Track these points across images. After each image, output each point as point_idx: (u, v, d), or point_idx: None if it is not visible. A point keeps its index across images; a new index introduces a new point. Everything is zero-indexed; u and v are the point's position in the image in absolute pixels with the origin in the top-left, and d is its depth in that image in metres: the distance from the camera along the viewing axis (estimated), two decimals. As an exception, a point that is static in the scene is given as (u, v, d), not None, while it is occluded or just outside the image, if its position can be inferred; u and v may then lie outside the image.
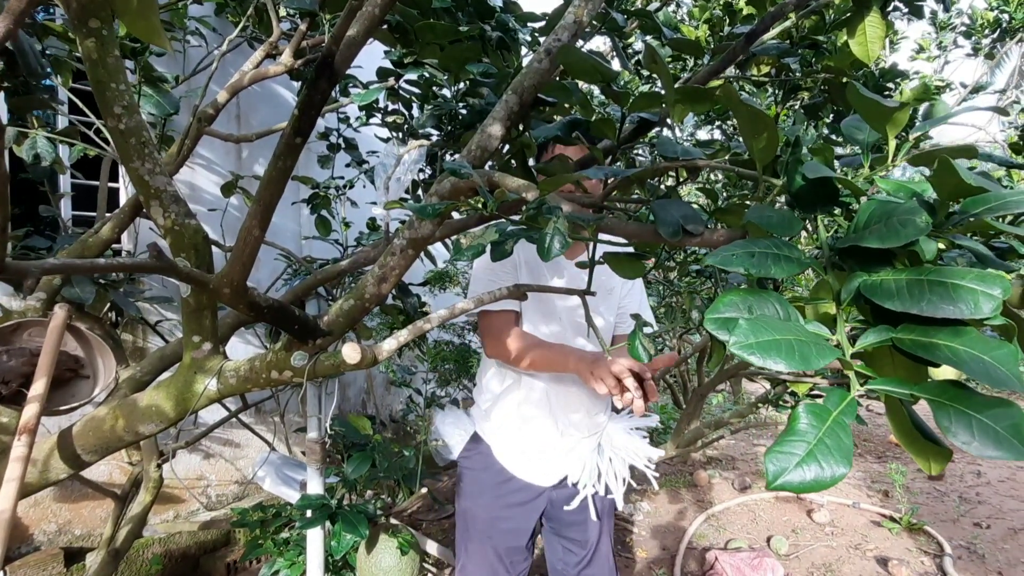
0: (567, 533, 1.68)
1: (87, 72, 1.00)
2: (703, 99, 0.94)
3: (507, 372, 1.62)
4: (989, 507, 3.75)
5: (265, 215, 0.84)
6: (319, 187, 2.53)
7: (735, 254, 0.62)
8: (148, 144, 1.00)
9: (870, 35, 1.44)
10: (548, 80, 1.02)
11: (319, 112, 0.82)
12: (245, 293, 0.89)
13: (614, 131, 0.99)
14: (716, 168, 0.84)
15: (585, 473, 1.62)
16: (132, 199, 1.44)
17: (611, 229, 0.83)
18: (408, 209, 0.77)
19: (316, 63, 0.78)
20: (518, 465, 1.61)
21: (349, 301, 1.02)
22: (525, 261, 1.58)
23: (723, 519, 3.60)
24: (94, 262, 0.66)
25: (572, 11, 0.99)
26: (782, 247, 0.64)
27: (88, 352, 1.24)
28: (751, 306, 0.61)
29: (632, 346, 0.97)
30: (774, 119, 1.95)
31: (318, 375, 1.04)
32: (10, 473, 0.99)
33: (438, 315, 1.04)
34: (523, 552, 1.65)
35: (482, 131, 0.99)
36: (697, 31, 2.35)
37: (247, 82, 1.55)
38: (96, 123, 1.80)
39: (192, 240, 1.03)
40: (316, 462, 1.45)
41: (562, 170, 1.02)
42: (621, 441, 1.67)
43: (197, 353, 1.07)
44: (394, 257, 0.99)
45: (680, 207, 0.79)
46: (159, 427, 1.13)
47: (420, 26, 1.16)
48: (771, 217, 0.67)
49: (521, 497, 1.61)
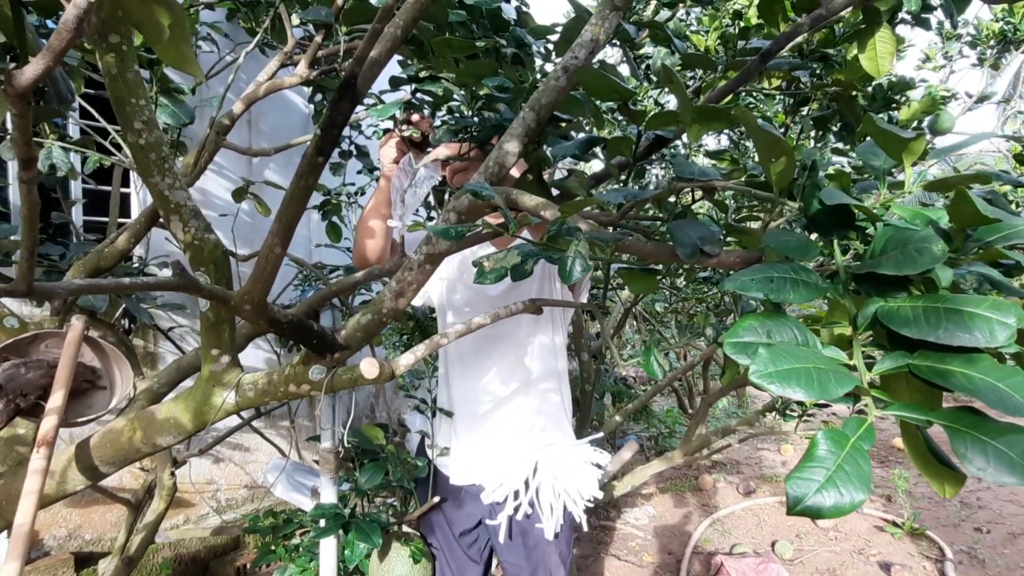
0: (500, 555, 1.55)
1: (107, 87, 1.01)
2: (719, 118, 0.95)
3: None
4: (990, 512, 3.76)
5: (287, 233, 0.85)
6: (330, 194, 2.54)
7: (754, 279, 0.63)
8: (168, 159, 1.01)
9: (880, 50, 1.45)
10: (564, 97, 1.03)
11: (341, 132, 0.83)
12: (265, 309, 0.90)
13: (631, 149, 1.01)
14: (732, 189, 0.86)
15: (500, 485, 1.47)
16: (148, 210, 1.46)
17: (628, 249, 0.84)
18: (431, 231, 0.78)
19: (339, 85, 0.79)
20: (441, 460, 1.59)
21: (367, 315, 1.03)
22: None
23: (728, 523, 3.61)
24: (119, 282, 0.67)
25: (589, 29, 1.00)
26: (799, 272, 0.65)
27: (105, 363, 1.26)
28: (770, 331, 0.62)
29: (647, 363, 0.98)
30: (783, 129, 1.96)
31: (335, 389, 1.05)
32: (29, 486, 1.00)
33: (455, 330, 1.05)
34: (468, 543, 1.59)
35: (499, 148, 1.00)
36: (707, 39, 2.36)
37: (262, 93, 1.57)
38: (109, 130, 1.82)
39: (212, 255, 1.04)
40: (330, 471, 1.47)
41: (579, 186, 1.03)
42: (563, 469, 1.50)
43: (215, 366, 1.08)
44: (411, 272, 1.00)
45: (697, 228, 0.80)
46: (177, 439, 1.14)
47: (437, 42, 1.17)
48: (789, 241, 0.68)
49: (447, 491, 1.58)
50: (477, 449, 1.53)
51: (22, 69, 0.47)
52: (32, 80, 0.47)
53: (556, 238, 0.75)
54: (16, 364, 1.08)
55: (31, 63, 0.47)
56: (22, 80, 0.47)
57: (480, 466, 1.52)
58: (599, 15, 1.00)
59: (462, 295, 1.59)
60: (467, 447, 1.55)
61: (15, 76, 0.47)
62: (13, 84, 0.47)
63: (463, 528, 1.55)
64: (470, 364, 1.54)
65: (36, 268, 1.90)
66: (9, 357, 1.12)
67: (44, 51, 0.48)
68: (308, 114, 4.01)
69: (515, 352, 1.54)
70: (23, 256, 0.57)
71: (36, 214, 0.55)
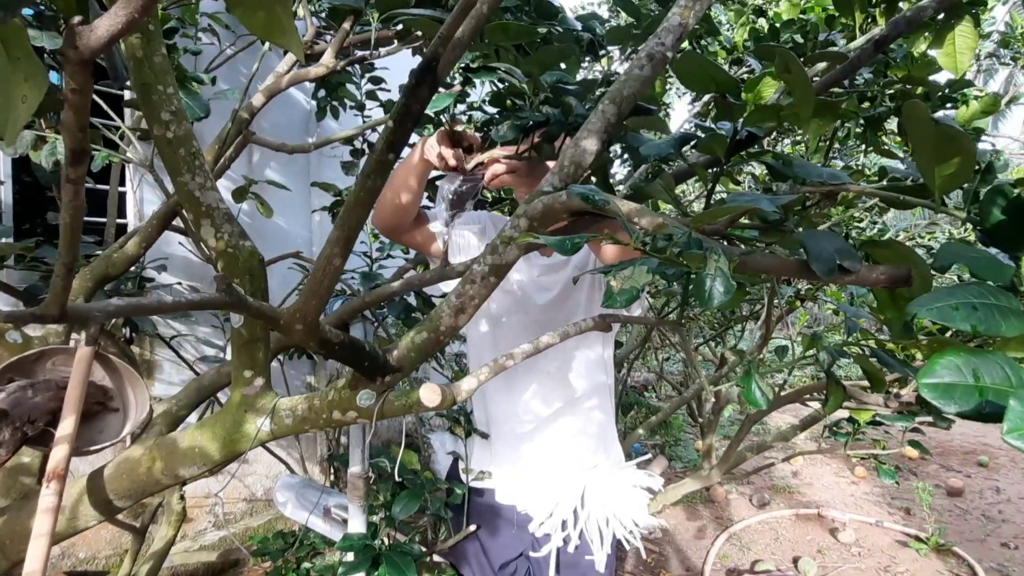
0: None
1: (131, 73, 0.89)
2: (833, 113, 0.84)
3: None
4: (1014, 526, 3.68)
5: (349, 242, 0.73)
6: (342, 194, 2.41)
7: (953, 307, 0.52)
8: (198, 155, 0.89)
9: (959, 45, 1.35)
10: (647, 89, 0.91)
11: (416, 123, 0.71)
12: (318, 330, 0.78)
13: (723, 147, 0.89)
14: (872, 194, 0.74)
15: (549, 516, 1.36)
16: (161, 211, 1.33)
17: (747, 264, 0.72)
18: (548, 244, 0.66)
19: (417, 68, 0.67)
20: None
21: (422, 334, 0.91)
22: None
23: (745, 538, 3.50)
24: (161, 302, 0.55)
25: (677, 12, 0.89)
26: (999, 296, 0.54)
27: (117, 382, 1.12)
28: (975, 369, 0.51)
29: (748, 391, 0.87)
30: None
31: (386, 416, 0.93)
32: (39, 527, 0.87)
33: (521, 350, 0.93)
34: None
35: (576, 145, 0.89)
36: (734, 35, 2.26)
37: (285, 84, 1.45)
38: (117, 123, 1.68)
39: (247, 264, 0.92)
40: (359, 498, 1.34)
41: (664, 190, 0.91)
42: (612, 494, 1.39)
43: (248, 390, 0.96)
44: (474, 285, 0.88)
45: (832, 240, 0.69)
46: (202, 470, 1.02)
47: (492, 26, 1.05)
48: (978, 260, 0.56)
49: (482, 519, 1.46)
50: (519, 473, 1.41)
51: (92, 24, 0.35)
52: (106, 41, 0.34)
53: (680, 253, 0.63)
54: (22, 386, 0.95)
55: (106, 16, 0.35)
56: (92, 40, 0.34)
57: (523, 493, 1.39)
58: (689, -4, 0.89)
59: (500, 303, 1.45)
60: (506, 471, 1.43)
61: (82, 34, 0.34)
62: (79, 46, 0.34)
63: (503, 560, 1.43)
64: (510, 380, 1.42)
65: (31, 273, 1.75)
66: (13, 377, 0.99)
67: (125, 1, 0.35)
68: (310, 110, 3.87)
69: (559, 366, 1.42)
70: (59, 273, 0.45)
71: (80, 221, 0.42)
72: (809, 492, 4.31)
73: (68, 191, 0.40)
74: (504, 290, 1.44)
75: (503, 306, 1.45)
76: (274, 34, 0.41)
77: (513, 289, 1.43)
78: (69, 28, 0.35)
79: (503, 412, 1.44)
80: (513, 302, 1.44)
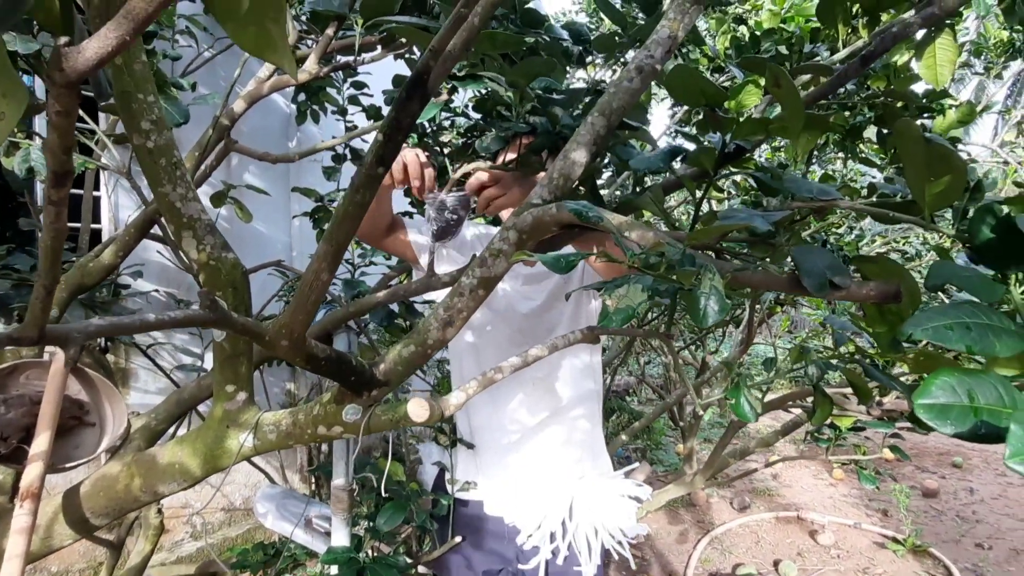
0: None
1: (111, 79, 0.86)
2: (822, 126, 0.85)
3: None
4: (988, 526, 3.74)
5: (336, 257, 0.72)
6: (323, 200, 2.38)
7: (948, 326, 0.52)
8: (180, 165, 0.87)
9: (940, 58, 1.36)
10: (636, 101, 0.91)
11: (407, 137, 0.70)
12: (304, 345, 0.77)
13: (712, 161, 0.89)
14: (864, 211, 0.74)
15: (537, 528, 1.35)
16: (138, 220, 1.30)
17: (739, 280, 0.72)
18: (541, 260, 0.65)
19: (408, 81, 0.66)
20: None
21: (410, 347, 0.89)
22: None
23: (726, 541, 3.52)
24: (143, 321, 0.53)
25: (667, 24, 0.89)
26: (991, 315, 0.54)
27: (93, 395, 1.09)
28: (970, 389, 0.51)
29: (737, 404, 0.87)
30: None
31: (373, 431, 0.91)
32: (12, 548, 0.84)
33: (510, 363, 0.92)
34: None
35: (565, 157, 0.88)
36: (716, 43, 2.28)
37: (267, 90, 1.42)
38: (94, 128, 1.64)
39: (230, 276, 0.90)
40: (343, 511, 1.32)
41: (653, 203, 0.91)
42: (600, 505, 1.38)
43: (230, 404, 0.94)
44: (462, 298, 0.87)
45: (823, 256, 0.69)
46: (182, 486, 1.00)
47: (480, 35, 1.04)
48: (970, 278, 0.57)
49: (467, 530, 1.45)
50: (505, 485, 1.40)
51: (80, 46, 0.34)
52: (94, 64, 0.32)
53: (672, 270, 0.62)
54: (-6, 404, 0.92)
55: (95, 38, 0.33)
56: (79, 63, 0.32)
57: (510, 504, 1.38)
58: (678, 9, 0.89)
59: (483, 313, 1.43)
60: (492, 482, 1.41)
61: (68, 56, 0.32)
62: (65, 68, 0.32)
63: (487, 569, 1.42)
64: (495, 389, 1.40)
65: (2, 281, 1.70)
66: (-17, 394, 0.96)
67: (118, 20, 0.34)
68: (290, 113, 3.82)
69: (546, 375, 1.41)
70: (38, 295, 0.43)
71: (61, 243, 0.40)
72: (789, 494, 4.35)
73: (50, 213, 0.38)
74: (487, 300, 1.43)
75: (486, 315, 1.43)
76: (266, 51, 0.40)
77: (496, 298, 1.42)
78: (56, 50, 0.33)
79: (488, 422, 1.43)
80: (496, 312, 1.43)
